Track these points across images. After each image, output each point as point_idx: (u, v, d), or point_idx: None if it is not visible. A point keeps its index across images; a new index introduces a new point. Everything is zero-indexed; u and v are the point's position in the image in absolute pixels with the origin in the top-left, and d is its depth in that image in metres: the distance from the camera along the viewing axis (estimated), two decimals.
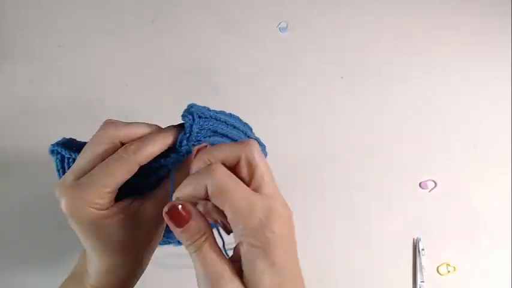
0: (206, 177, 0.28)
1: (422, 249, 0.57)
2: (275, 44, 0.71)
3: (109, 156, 0.32)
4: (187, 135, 0.35)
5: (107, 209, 0.32)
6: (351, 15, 0.73)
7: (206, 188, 0.28)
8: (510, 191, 0.62)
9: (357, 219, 0.60)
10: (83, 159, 0.32)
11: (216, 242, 0.30)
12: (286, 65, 0.69)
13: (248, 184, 0.30)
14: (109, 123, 0.34)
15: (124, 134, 0.33)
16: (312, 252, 0.58)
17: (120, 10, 0.72)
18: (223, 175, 0.28)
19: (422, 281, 0.56)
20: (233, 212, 0.28)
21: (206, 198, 0.29)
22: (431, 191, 0.62)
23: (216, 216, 0.31)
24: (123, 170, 0.31)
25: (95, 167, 0.32)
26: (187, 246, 0.29)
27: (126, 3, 0.72)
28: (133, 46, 0.70)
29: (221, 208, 0.28)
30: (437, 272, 0.57)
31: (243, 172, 0.30)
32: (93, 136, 0.33)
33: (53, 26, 0.70)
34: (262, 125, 0.65)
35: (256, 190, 0.29)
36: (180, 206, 0.28)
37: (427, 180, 0.62)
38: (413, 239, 0.59)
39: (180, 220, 0.28)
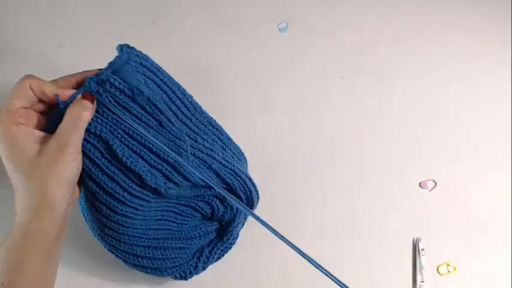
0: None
1: (422, 249, 0.58)
2: (275, 44, 0.71)
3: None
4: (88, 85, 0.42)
5: (19, 124, 0.39)
6: (351, 15, 0.73)
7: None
8: (510, 191, 0.62)
9: (357, 219, 0.60)
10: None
11: None
12: (286, 65, 0.69)
13: None
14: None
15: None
16: (311, 252, 0.58)
17: (120, 10, 0.72)
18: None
19: (422, 281, 0.56)
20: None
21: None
22: (431, 191, 0.62)
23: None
24: (19, 93, 0.40)
25: None
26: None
27: (126, 3, 0.72)
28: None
29: None
30: (437, 272, 0.57)
31: None
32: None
33: (53, 26, 0.70)
34: (262, 125, 0.65)
35: None
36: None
37: (427, 180, 0.62)
38: (413, 239, 0.59)
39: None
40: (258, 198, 0.55)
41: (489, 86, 0.69)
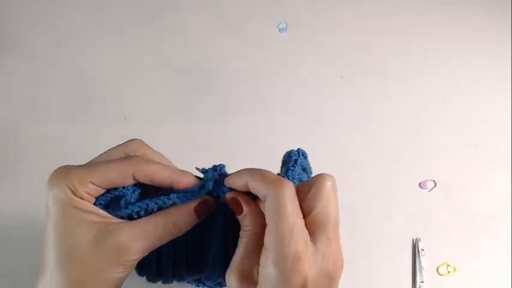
0: (273, 186, 0.29)
1: (422, 250, 0.57)
2: (275, 44, 0.71)
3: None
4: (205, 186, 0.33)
5: (81, 198, 0.29)
6: (350, 15, 0.73)
7: (265, 196, 0.29)
8: (510, 191, 0.62)
9: (357, 219, 0.60)
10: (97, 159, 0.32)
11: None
12: (286, 65, 0.69)
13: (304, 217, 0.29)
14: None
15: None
16: None
17: (120, 10, 0.72)
18: (292, 193, 0.29)
19: (422, 282, 0.56)
20: (274, 236, 0.27)
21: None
22: (431, 191, 0.62)
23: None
24: (115, 169, 0.30)
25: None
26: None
27: (126, 3, 0.72)
28: (133, 46, 0.70)
29: (266, 221, 0.28)
30: (437, 272, 0.57)
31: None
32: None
33: (53, 26, 0.70)
34: (262, 125, 0.65)
35: (311, 230, 0.29)
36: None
37: (427, 180, 0.62)
38: (413, 239, 0.59)
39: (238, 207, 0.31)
40: None
41: (489, 86, 0.69)
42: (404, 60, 0.70)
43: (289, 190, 0.28)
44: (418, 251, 0.57)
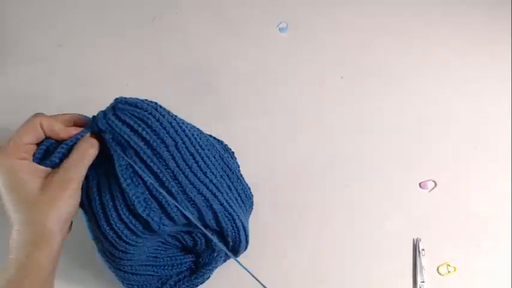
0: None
1: (423, 250, 0.57)
2: (275, 44, 0.71)
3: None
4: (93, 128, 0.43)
5: (24, 158, 0.39)
6: (350, 15, 0.73)
7: None
8: (510, 191, 0.62)
9: (357, 219, 0.60)
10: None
11: None
12: (286, 65, 0.69)
13: None
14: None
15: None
16: (311, 252, 0.58)
17: (120, 10, 0.72)
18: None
19: (423, 281, 0.56)
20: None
21: None
22: (431, 191, 0.62)
23: None
24: (29, 129, 0.41)
25: None
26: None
27: (126, 3, 0.72)
28: (134, 46, 0.70)
29: None
30: (438, 272, 0.57)
31: None
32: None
33: (53, 26, 0.70)
34: (262, 125, 0.65)
35: None
36: None
37: (427, 180, 0.62)
38: (413, 239, 0.59)
39: None
40: (246, 248, 0.52)
41: (489, 86, 0.69)
42: (404, 60, 0.70)
43: None
44: (419, 251, 0.57)
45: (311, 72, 0.69)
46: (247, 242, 0.51)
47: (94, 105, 0.65)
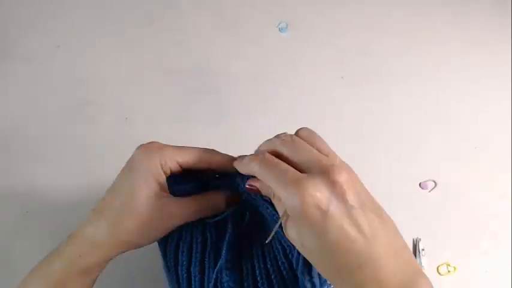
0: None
1: (423, 249, 0.58)
2: (275, 44, 0.70)
3: None
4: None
5: (165, 172, 0.37)
6: (351, 15, 0.73)
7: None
8: (510, 191, 0.62)
9: None
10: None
11: None
12: (286, 65, 0.69)
13: None
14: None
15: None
16: None
17: (119, 10, 0.72)
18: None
19: None
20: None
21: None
22: (431, 191, 0.62)
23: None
24: (195, 154, 0.38)
25: None
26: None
27: (126, 3, 0.72)
28: (133, 46, 0.70)
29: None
30: (438, 272, 0.57)
31: None
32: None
33: (52, 27, 0.70)
34: (262, 125, 0.65)
35: None
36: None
37: (427, 180, 0.62)
38: (413, 239, 0.59)
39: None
40: None
41: (489, 86, 0.69)
42: (404, 60, 0.70)
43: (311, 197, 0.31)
44: (419, 251, 0.57)
45: (311, 72, 0.69)
46: None
47: (95, 106, 0.65)
